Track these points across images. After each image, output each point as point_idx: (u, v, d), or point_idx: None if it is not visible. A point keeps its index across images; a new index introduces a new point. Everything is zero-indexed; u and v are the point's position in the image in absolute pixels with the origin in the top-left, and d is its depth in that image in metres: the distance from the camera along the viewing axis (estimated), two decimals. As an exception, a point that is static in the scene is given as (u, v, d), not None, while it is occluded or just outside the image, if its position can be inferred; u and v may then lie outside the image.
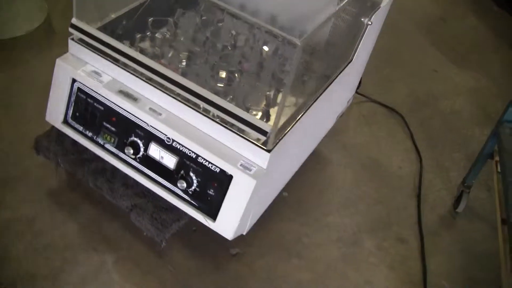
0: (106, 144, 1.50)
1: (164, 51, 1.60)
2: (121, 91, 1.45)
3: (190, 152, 1.39)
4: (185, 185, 1.40)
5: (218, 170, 1.37)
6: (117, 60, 1.45)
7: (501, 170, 1.64)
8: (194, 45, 1.64)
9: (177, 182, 1.41)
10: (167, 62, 1.55)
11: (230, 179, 1.36)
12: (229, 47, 1.68)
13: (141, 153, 1.45)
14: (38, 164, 1.70)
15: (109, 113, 1.47)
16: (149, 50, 1.60)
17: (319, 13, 1.71)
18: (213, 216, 1.41)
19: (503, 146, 1.61)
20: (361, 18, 1.60)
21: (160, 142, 1.42)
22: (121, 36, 1.54)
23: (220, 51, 1.64)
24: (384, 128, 2.15)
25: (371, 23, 1.59)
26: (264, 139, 1.31)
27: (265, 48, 1.67)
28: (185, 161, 1.40)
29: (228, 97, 1.52)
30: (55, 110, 1.55)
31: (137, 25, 1.62)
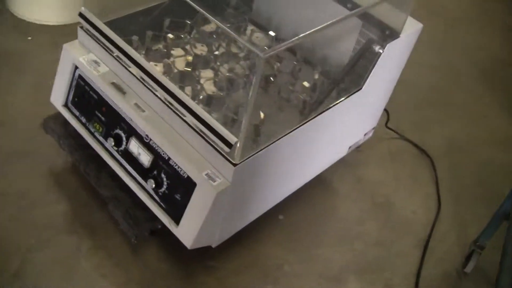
0: (96, 133, 1.53)
1: (169, 52, 1.61)
2: (113, 83, 1.47)
3: (164, 153, 1.38)
4: (154, 185, 1.40)
5: (186, 176, 1.35)
6: (113, 52, 1.47)
7: (506, 236, 1.51)
8: (203, 50, 1.64)
9: (147, 181, 1.41)
10: (168, 63, 1.57)
11: (194, 187, 1.33)
12: (241, 58, 1.68)
13: (123, 147, 1.46)
14: (49, 143, 1.74)
15: (101, 103, 1.50)
16: (156, 48, 1.63)
17: (341, 40, 1.68)
18: (177, 221, 1.39)
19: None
20: (373, 45, 1.54)
21: (139, 139, 1.43)
22: (131, 32, 1.57)
23: (228, 59, 1.64)
24: (408, 169, 2.04)
25: (382, 52, 1.51)
26: (230, 151, 1.28)
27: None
28: (159, 161, 1.40)
29: (224, 106, 1.51)
30: (58, 93, 1.60)
31: (152, 24, 1.64)
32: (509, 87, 2.57)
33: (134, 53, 1.42)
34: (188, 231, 1.37)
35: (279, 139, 1.38)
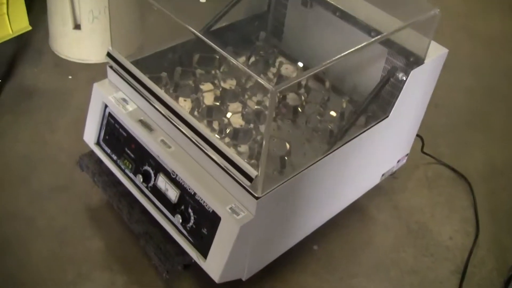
0: (126, 170, 1.57)
1: (197, 87, 1.65)
2: (141, 120, 1.50)
3: (190, 188, 1.41)
4: (181, 220, 1.42)
5: (211, 210, 1.37)
6: (140, 90, 1.51)
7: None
8: (232, 84, 1.67)
9: (175, 216, 1.43)
10: (197, 97, 1.60)
11: (219, 221, 1.35)
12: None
13: (152, 183, 1.50)
14: (85, 180, 1.80)
15: (130, 140, 1.54)
16: (185, 84, 1.66)
17: (369, 66, 1.68)
18: (205, 255, 1.40)
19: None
20: (397, 73, 1.53)
21: (167, 174, 1.46)
22: (161, 69, 1.61)
23: (256, 92, 1.66)
24: (446, 194, 2.00)
25: (406, 79, 1.50)
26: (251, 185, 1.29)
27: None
28: (185, 196, 1.42)
29: (251, 138, 1.53)
30: (90, 131, 1.65)
31: (182, 60, 1.69)
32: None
33: (159, 91, 1.45)
34: (216, 265, 1.38)
35: (303, 171, 1.39)
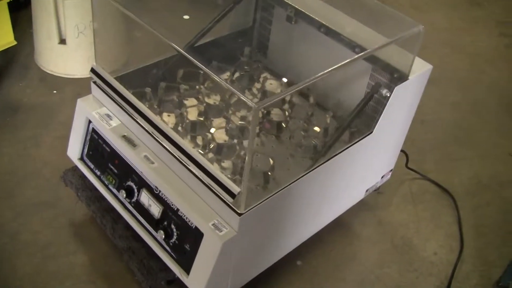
0: (109, 185, 1.56)
1: (182, 102, 1.65)
2: (124, 136, 1.50)
3: (172, 204, 1.40)
4: (164, 236, 1.41)
5: (194, 226, 1.36)
6: (123, 106, 1.51)
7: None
8: (216, 99, 1.67)
9: (158, 232, 1.43)
10: (181, 113, 1.61)
11: (202, 237, 1.35)
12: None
13: (135, 198, 1.49)
14: (70, 195, 1.79)
15: (113, 156, 1.53)
16: (169, 99, 1.67)
17: (353, 82, 1.69)
18: (188, 271, 1.40)
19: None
20: (381, 89, 1.54)
21: (150, 190, 1.45)
22: (145, 84, 1.61)
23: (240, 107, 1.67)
24: (430, 209, 2.00)
25: (390, 95, 1.51)
26: (234, 201, 1.29)
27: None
28: (168, 212, 1.42)
29: (235, 154, 1.53)
30: (74, 147, 1.65)
31: (166, 75, 1.69)
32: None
33: (143, 107, 1.45)
34: (198, 281, 1.37)
35: (287, 187, 1.39)
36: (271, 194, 1.36)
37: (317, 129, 1.65)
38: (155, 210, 1.44)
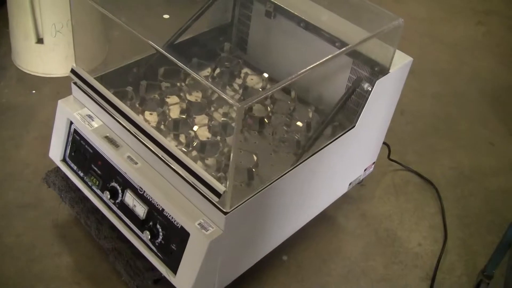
0: (93, 186, 1.55)
1: (163, 100, 1.64)
2: (107, 137, 1.49)
3: (158, 205, 1.40)
4: (149, 236, 1.41)
5: (180, 226, 1.36)
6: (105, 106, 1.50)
7: (508, 264, 1.49)
8: (198, 97, 1.67)
9: (143, 232, 1.42)
10: (163, 111, 1.60)
11: (188, 236, 1.34)
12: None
13: (119, 199, 1.48)
14: (53, 196, 1.77)
15: (96, 157, 1.52)
16: (151, 97, 1.65)
17: (334, 77, 1.69)
18: (174, 271, 1.39)
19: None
20: (362, 83, 1.54)
21: (134, 191, 1.44)
22: (127, 83, 1.60)
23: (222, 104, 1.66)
24: (413, 200, 2.02)
25: (371, 89, 1.52)
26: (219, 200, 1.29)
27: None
28: (154, 213, 1.41)
29: (218, 151, 1.53)
30: (56, 148, 1.63)
31: (147, 74, 1.68)
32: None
33: (124, 107, 1.44)
34: (185, 281, 1.37)
35: (272, 183, 1.39)
36: (256, 192, 1.36)
37: (300, 124, 1.65)
38: (140, 211, 1.43)
